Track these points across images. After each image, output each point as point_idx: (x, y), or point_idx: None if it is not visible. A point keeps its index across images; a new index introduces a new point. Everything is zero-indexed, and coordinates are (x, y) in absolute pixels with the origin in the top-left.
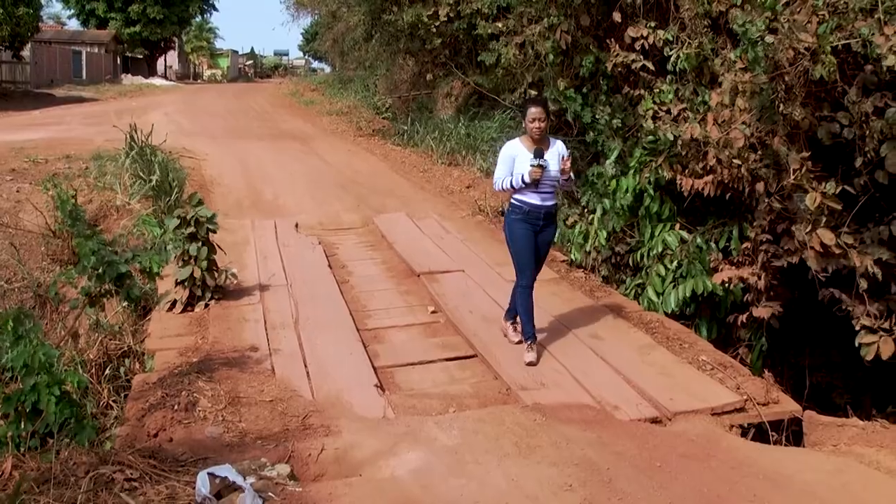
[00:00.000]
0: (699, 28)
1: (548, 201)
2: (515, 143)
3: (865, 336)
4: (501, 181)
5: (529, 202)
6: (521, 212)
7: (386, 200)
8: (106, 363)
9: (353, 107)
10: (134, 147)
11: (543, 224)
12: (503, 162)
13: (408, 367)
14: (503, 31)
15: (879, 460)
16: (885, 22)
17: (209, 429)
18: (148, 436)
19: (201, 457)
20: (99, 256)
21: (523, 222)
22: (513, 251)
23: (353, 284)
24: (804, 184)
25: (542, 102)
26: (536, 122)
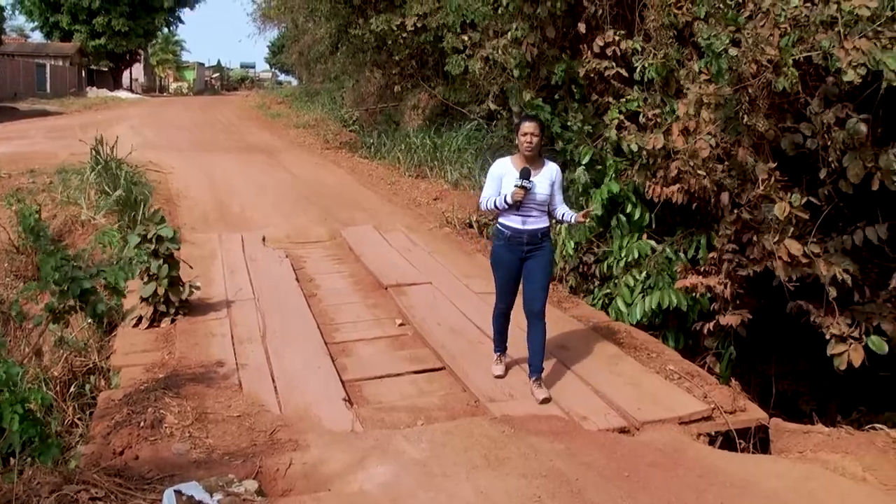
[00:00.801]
0: (664, 39)
1: (532, 224)
2: (505, 161)
3: (836, 346)
4: (486, 201)
5: (511, 226)
6: (502, 237)
7: (353, 213)
8: (71, 380)
9: (320, 119)
10: (99, 161)
11: (530, 249)
12: (491, 180)
13: (376, 380)
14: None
15: (845, 467)
16: (844, 35)
17: (176, 445)
18: (113, 454)
19: (168, 474)
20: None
21: (505, 249)
22: (494, 277)
23: (320, 298)
24: (771, 194)
25: (536, 117)
26: (528, 137)
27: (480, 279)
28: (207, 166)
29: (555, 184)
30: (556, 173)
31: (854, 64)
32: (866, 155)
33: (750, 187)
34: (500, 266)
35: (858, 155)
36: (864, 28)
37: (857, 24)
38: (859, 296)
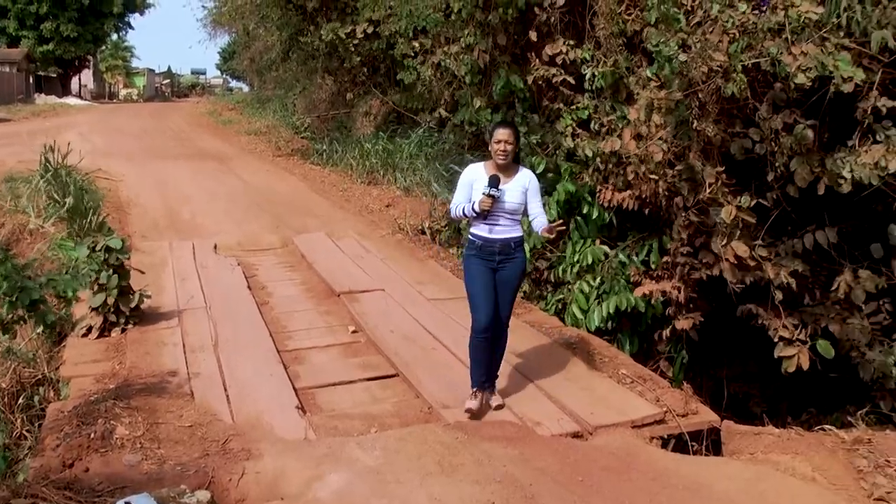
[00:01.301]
0: (614, 46)
1: (503, 234)
2: (477, 167)
3: (784, 349)
4: (456, 207)
5: (480, 234)
6: (473, 246)
7: (305, 220)
8: (19, 392)
9: (272, 126)
10: (49, 168)
11: (501, 259)
12: (461, 187)
13: (329, 387)
14: (421, 51)
15: (795, 467)
16: (792, 42)
17: (127, 457)
18: (63, 466)
19: (119, 486)
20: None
21: (477, 258)
22: (467, 290)
23: (272, 305)
24: (719, 197)
25: (511, 124)
26: (502, 145)
27: (433, 285)
28: (158, 173)
29: (528, 191)
30: (531, 180)
31: (804, 67)
32: (813, 160)
33: (700, 191)
34: (474, 276)
35: (806, 160)
36: (811, 34)
37: (804, 30)
38: (809, 298)
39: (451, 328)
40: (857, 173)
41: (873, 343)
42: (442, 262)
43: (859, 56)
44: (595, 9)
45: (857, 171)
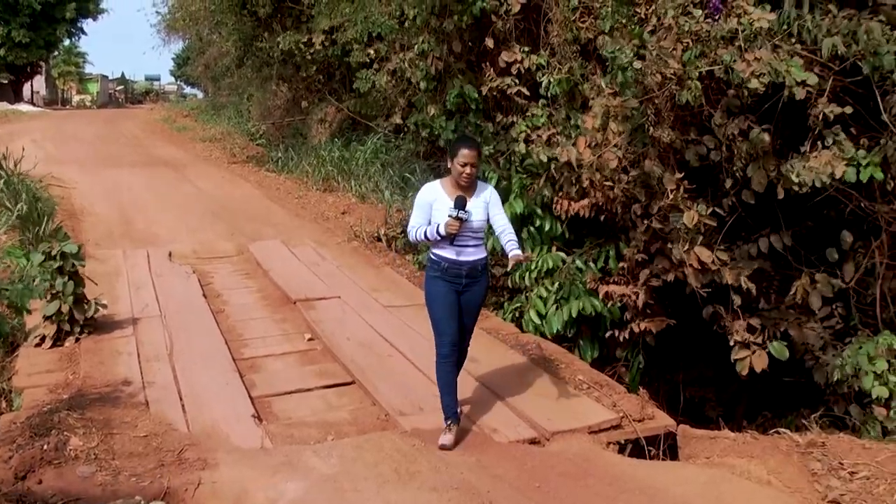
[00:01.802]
0: (568, 53)
1: (470, 256)
2: (435, 186)
3: (739, 351)
4: (416, 231)
5: (446, 257)
6: (438, 268)
7: (261, 228)
8: None
9: (227, 133)
10: (1, 175)
11: (468, 282)
12: (419, 208)
13: (285, 395)
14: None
15: (750, 470)
16: (745, 49)
17: (81, 468)
18: (16, 478)
19: (73, 498)
20: None
21: (442, 280)
22: (430, 313)
23: (228, 314)
24: (680, 204)
25: (476, 144)
26: (468, 168)
27: (389, 293)
28: (112, 181)
29: (490, 204)
30: (492, 195)
31: (757, 73)
32: (769, 164)
33: (658, 198)
34: (437, 298)
35: (762, 164)
36: (763, 42)
37: (756, 38)
38: (765, 302)
39: (407, 335)
40: (803, 177)
41: (827, 347)
42: (398, 269)
43: (810, 63)
44: (549, 16)
45: (804, 176)
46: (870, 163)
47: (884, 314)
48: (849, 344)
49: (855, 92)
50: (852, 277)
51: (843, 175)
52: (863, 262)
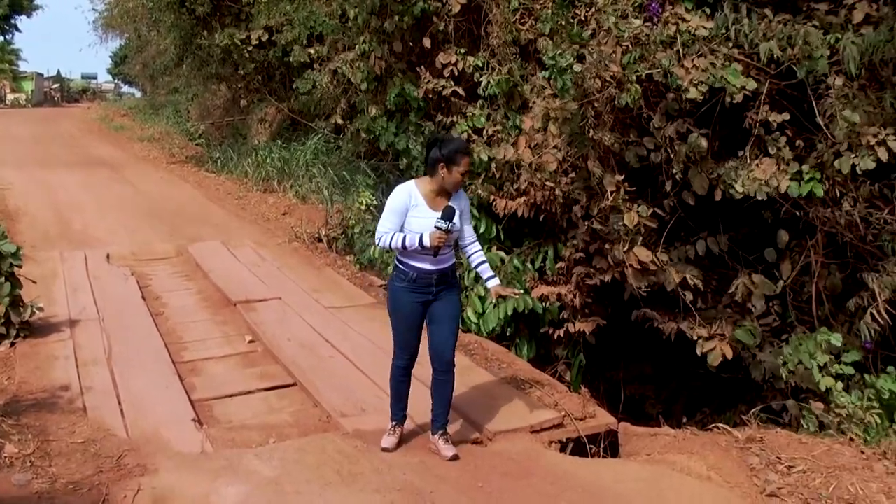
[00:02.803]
0: (508, 55)
1: (444, 263)
2: (411, 189)
3: (705, 344)
4: (389, 238)
5: (417, 266)
6: (406, 278)
7: (201, 229)
8: None
9: (166, 133)
10: None
11: (438, 290)
12: (394, 213)
13: (226, 398)
14: (316, 59)
15: (691, 467)
16: (683, 55)
17: (16, 476)
18: None
19: None
20: None
21: (409, 291)
22: (392, 324)
23: (167, 316)
24: (620, 205)
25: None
26: (465, 176)
27: (330, 293)
28: (48, 181)
29: (463, 213)
30: (465, 201)
31: (695, 82)
32: (707, 168)
33: (598, 199)
34: (401, 310)
35: (701, 168)
36: (701, 48)
37: (694, 43)
38: (703, 302)
39: (348, 336)
40: (747, 188)
41: (764, 345)
42: (339, 270)
43: (748, 67)
44: (490, 17)
45: (748, 186)
46: (812, 178)
47: (819, 311)
48: (786, 341)
49: (790, 95)
50: (789, 276)
51: (787, 189)
52: (799, 262)
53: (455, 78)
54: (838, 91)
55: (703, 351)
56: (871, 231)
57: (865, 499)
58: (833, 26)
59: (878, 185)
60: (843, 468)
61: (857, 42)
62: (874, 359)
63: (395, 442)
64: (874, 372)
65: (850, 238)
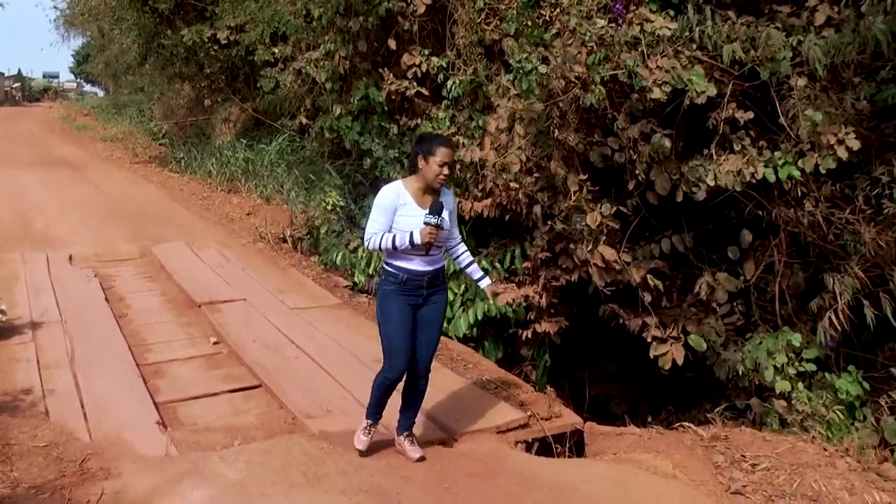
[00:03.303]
0: (473, 55)
1: (435, 264)
2: (398, 188)
3: (659, 347)
4: (378, 238)
5: (410, 268)
6: (396, 280)
7: (164, 229)
8: None
9: (129, 132)
10: None
11: (428, 293)
12: (382, 213)
13: (190, 401)
14: (281, 58)
15: (657, 465)
16: (647, 55)
17: None
18: None
19: None
20: None
21: (400, 294)
22: (382, 331)
23: (131, 318)
24: (583, 205)
25: (452, 142)
26: (445, 168)
27: (295, 294)
28: (9, 181)
29: (451, 213)
30: (455, 201)
31: (659, 82)
32: (671, 168)
33: (562, 199)
34: (392, 316)
35: (664, 168)
36: (665, 48)
37: (658, 44)
38: (667, 301)
39: (313, 337)
40: (720, 181)
41: (728, 343)
42: (304, 271)
43: (711, 69)
44: (455, 18)
45: (721, 179)
46: (786, 162)
47: (783, 310)
48: (750, 339)
49: (753, 96)
50: (752, 275)
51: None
52: (762, 261)
53: (419, 79)
54: (801, 92)
55: (656, 354)
56: (833, 231)
57: (828, 495)
58: (795, 28)
59: (840, 186)
60: (806, 465)
61: (821, 44)
62: (836, 357)
63: (368, 443)
64: (836, 370)
65: (813, 238)
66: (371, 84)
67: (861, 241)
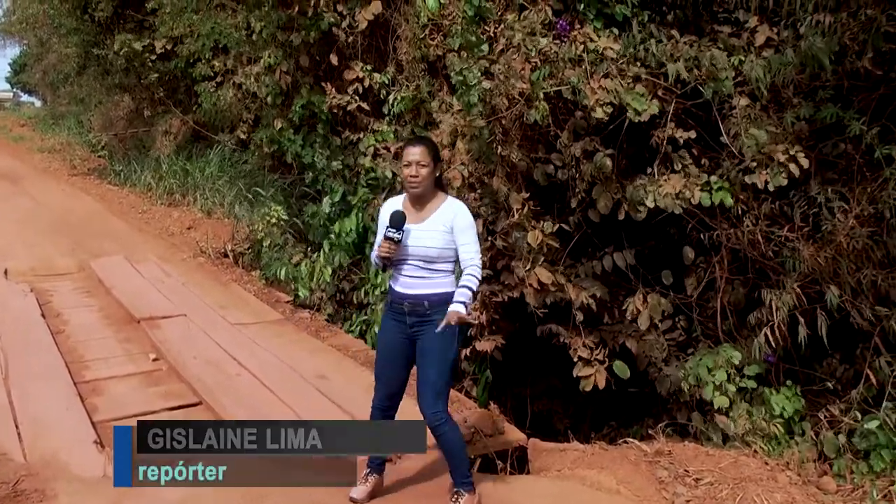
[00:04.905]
0: (416, 71)
1: (413, 289)
2: (396, 201)
3: (583, 369)
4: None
5: (393, 289)
6: (387, 301)
7: (103, 243)
8: None
9: (67, 144)
10: None
11: (414, 322)
12: (379, 227)
13: (129, 419)
14: (221, 71)
15: (600, 481)
16: (591, 73)
17: None
18: None
19: None
20: None
21: (388, 315)
22: None
23: (68, 334)
24: (524, 223)
25: (424, 140)
26: (413, 168)
27: (236, 310)
28: None
29: (455, 230)
30: (457, 216)
31: (601, 102)
32: (612, 186)
33: (504, 216)
34: (380, 337)
35: (606, 187)
36: (608, 66)
37: (602, 62)
38: (608, 317)
39: (255, 353)
40: (660, 202)
41: (670, 359)
42: (245, 286)
43: (655, 87)
44: (398, 33)
45: (661, 202)
46: (721, 187)
47: (724, 326)
48: (691, 355)
49: (696, 115)
50: (694, 292)
51: (699, 200)
52: (704, 277)
53: (361, 94)
54: (742, 111)
55: (579, 374)
56: (772, 248)
57: None
58: (736, 49)
59: (779, 203)
60: (748, 479)
61: (762, 64)
62: (777, 372)
63: (364, 494)
64: (776, 385)
65: (753, 255)
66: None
67: (799, 258)
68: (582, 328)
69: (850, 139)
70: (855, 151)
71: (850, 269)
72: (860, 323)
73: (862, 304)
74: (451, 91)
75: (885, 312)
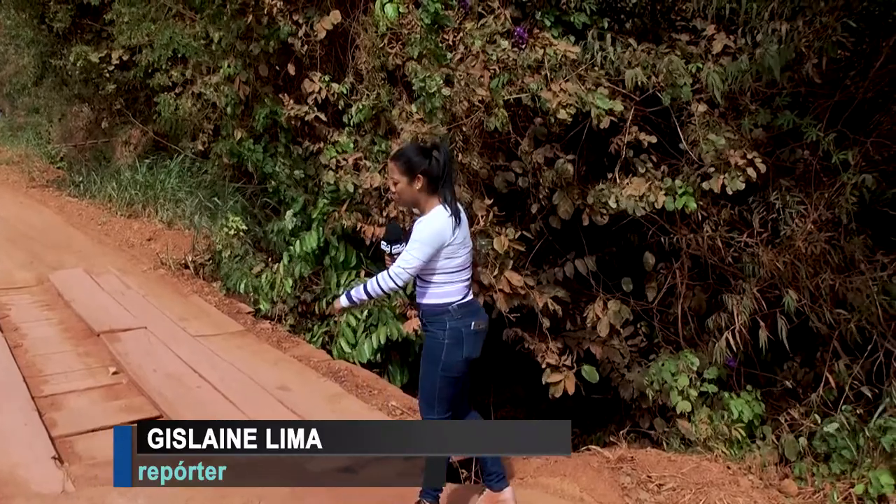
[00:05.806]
0: (376, 80)
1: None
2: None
3: (552, 375)
4: None
5: None
6: None
7: (62, 256)
8: None
9: (26, 156)
10: None
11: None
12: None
13: (89, 434)
14: (181, 81)
15: (564, 489)
16: (550, 79)
17: None
18: None
19: None
20: None
21: None
22: None
23: (26, 348)
24: (489, 230)
25: (395, 156)
26: (390, 183)
27: (197, 321)
28: None
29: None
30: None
31: (564, 104)
32: (573, 193)
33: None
34: None
35: (567, 193)
36: (568, 72)
37: (561, 68)
38: (571, 324)
39: (216, 365)
40: (622, 204)
41: (632, 364)
42: (206, 298)
43: (614, 93)
44: (357, 42)
45: (623, 203)
46: (685, 192)
47: (685, 331)
48: (653, 361)
49: (655, 122)
50: (654, 297)
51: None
52: (664, 283)
53: (320, 104)
54: (701, 118)
55: (549, 381)
56: (732, 254)
57: None
58: (694, 56)
59: (738, 209)
60: (711, 484)
61: (719, 71)
62: (738, 376)
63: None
64: (737, 389)
65: (713, 260)
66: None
67: (758, 263)
68: (552, 334)
69: (808, 145)
70: (812, 157)
71: (808, 273)
72: (819, 327)
73: (821, 308)
74: (411, 99)
75: (843, 316)
